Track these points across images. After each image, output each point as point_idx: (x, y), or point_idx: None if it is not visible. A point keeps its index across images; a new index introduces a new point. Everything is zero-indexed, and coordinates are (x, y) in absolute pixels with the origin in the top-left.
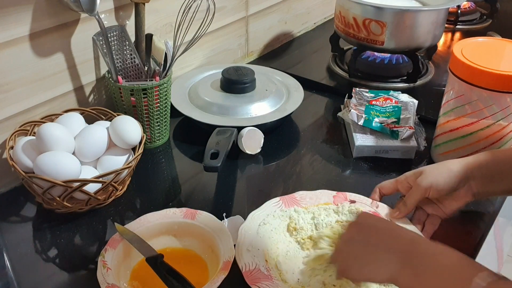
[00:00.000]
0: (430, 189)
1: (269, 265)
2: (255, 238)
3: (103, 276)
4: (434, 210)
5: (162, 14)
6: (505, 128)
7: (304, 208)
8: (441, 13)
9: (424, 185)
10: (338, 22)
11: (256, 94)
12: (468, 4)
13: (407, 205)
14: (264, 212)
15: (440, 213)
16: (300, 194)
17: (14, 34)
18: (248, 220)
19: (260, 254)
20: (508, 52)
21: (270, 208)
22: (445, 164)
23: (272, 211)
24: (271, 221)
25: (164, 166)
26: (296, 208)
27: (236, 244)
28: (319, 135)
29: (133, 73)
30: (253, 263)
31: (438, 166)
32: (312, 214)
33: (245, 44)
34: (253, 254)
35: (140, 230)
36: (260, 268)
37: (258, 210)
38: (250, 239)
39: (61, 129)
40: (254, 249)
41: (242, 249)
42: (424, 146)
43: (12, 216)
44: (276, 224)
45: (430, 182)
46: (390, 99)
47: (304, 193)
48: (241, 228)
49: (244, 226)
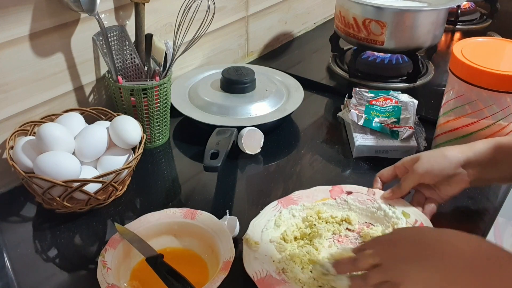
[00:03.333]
0: (425, 175)
1: (279, 269)
2: (260, 245)
3: (103, 276)
4: (431, 194)
5: (162, 14)
6: (505, 128)
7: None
8: (441, 13)
9: (419, 171)
10: (338, 22)
11: (256, 94)
12: (468, 4)
13: (401, 188)
14: (264, 218)
15: (437, 198)
16: (296, 195)
17: (14, 34)
18: (250, 229)
19: (268, 260)
20: (508, 52)
21: (269, 213)
22: (442, 150)
23: (271, 216)
24: (272, 225)
25: (164, 166)
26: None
27: (243, 254)
28: (319, 135)
29: (133, 73)
30: (263, 270)
31: (434, 152)
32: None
33: (245, 44)
34: (261, 261)
35: (140, 230)
36: (272, 273)
37: (258, 217)
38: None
39: (61, 129)
40: (262, 256)
41: (249, 258)
42: (424, 146)
43: (12, 216)
44: (278, 228)
45: (426, 168)
46: (390, 99)
47: (300, 192)
48: (244, 238)
49: (247, 235)
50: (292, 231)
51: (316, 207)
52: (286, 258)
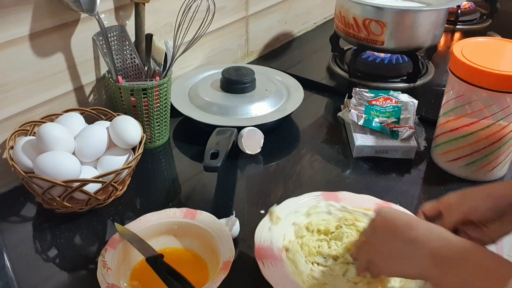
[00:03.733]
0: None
1: (283, 247)
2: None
3: (103, 276)
4: (479, 234)
5: (162, 14)
6: (505, 128)
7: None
8: (441, 13)
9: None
10: (338, 22)
11: (256, 94)
12: (468, 4)
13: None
14: (300, 201)
15: (485, 239)
16: (343, 194)
17: (14, 34)
18: (281, 204)
19: (279, 236)
20: (508, 52)
21: (308, 200)
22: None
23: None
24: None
25: (164, 166)
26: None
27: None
28: (319, 135)
29: (133, 73)
30: (267, 241)
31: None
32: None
33: (245, 44)
34: (272, 234)
35: (140, 230)
36: (273, 248)
37: (296, 199)
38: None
39: (61, 129)
40: (276, 230)
41: (264, 227)
42: (424, 146)
43: (12, 216)
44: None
45: (471, 205)
46: (390, 99)
47: (348, 194)
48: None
49: (274, 207)
50: (318, 223)
51: (355, 213)
52: (297, 242)
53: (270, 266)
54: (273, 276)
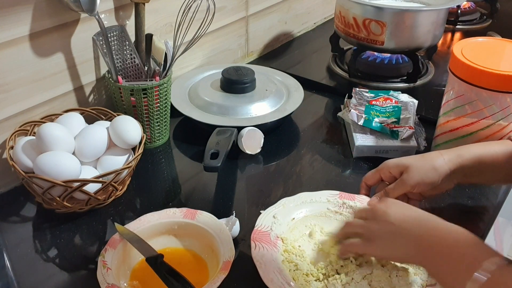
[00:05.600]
0: (415, 186)
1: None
2: (290, 211)
3: (103, 276)
4: (415, 196)
5: (162, 14)
6: (505, 128)
7: None
8: (441, 13)
9: (411, 183)
10: (338, 22)
11: (256, 94)
12: (468, 4)
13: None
14: (315, 196)
15: (418, 198)
16: (362, 197)
17: (14, 34)
18: (294, 196)
19: (282, 222)
20: (508, 52)
21: (322, 195)
22: (429, 160)
23: (321, 199)
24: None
25: (164, 166)
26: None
27: (270, 209)
28: (319, 135)
29: (133, 73)
30: (268, 227)
31: (423, 162)
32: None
33: (245, 44)
34: (275, 220)
35: (140, 230)
36: (271, 234)
37: (310, 193)
38: (285, 210)
39: (61, 129)
40: (280, 217)
41: (270, 213)
42: (424, 146)
43: (12, 216)
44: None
45: (416, 181)
46: (390, 99)
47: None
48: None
49: (287, 200)
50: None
51: None
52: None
53: (261, 248)
54: (262, 259)
